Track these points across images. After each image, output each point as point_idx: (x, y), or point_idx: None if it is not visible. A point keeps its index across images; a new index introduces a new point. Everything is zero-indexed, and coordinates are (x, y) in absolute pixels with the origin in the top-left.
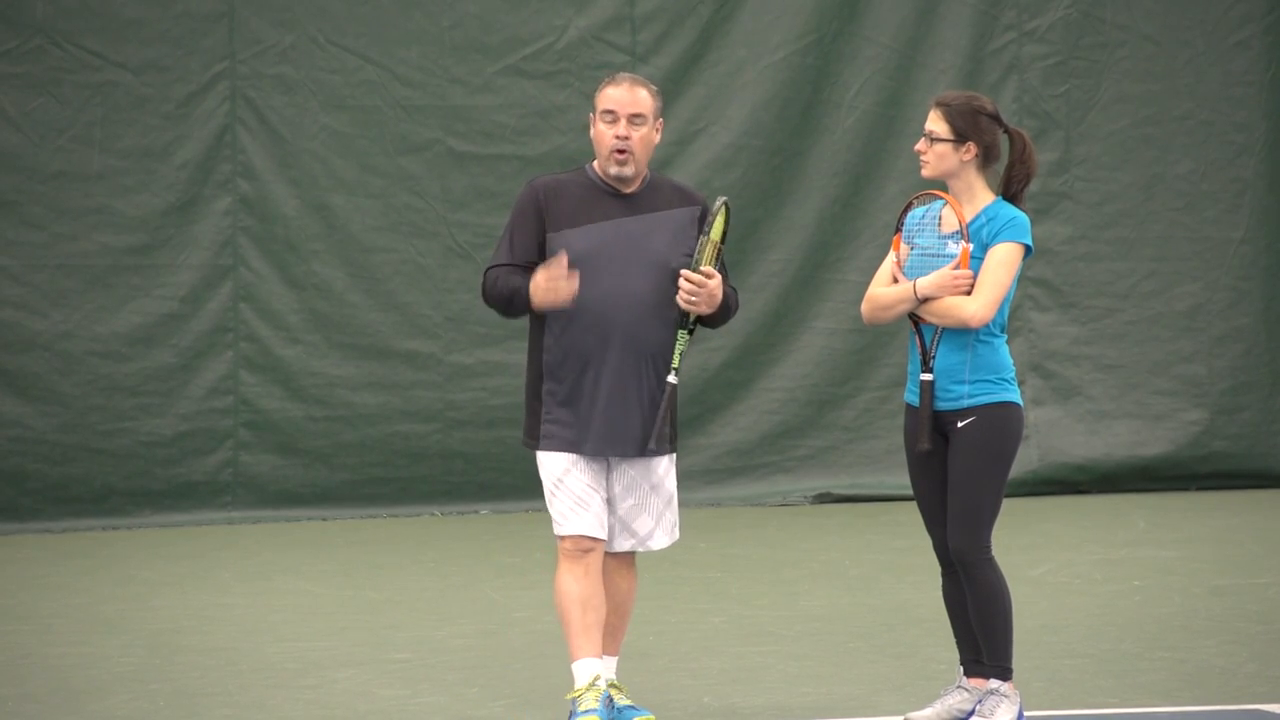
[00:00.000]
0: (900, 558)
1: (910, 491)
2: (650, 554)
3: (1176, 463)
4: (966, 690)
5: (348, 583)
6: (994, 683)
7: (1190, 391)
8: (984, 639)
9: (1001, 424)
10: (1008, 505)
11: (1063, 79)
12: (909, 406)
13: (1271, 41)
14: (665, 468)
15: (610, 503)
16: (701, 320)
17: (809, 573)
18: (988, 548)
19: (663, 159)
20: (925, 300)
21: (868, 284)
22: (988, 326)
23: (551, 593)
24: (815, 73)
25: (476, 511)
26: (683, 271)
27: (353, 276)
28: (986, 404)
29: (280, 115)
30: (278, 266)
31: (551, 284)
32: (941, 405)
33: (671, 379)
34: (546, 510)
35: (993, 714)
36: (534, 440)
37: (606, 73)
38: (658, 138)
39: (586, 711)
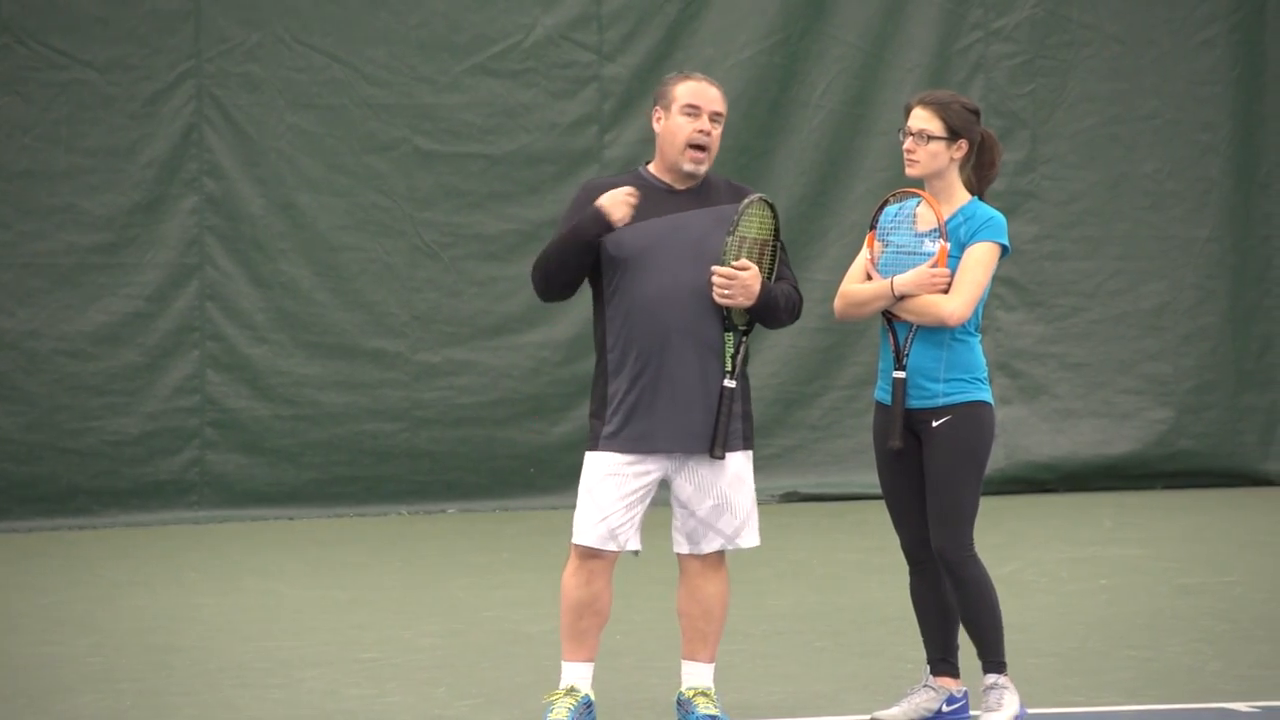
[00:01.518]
0: (868, 557)
1: (878, 490)
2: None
3: (1143, 461)
4: (933, 689)
5: (315, 582)
6: (991, 677)
7: (1156, 390)
8: (976, 636)
9: (977, 423)
10: None
11: (1029, 78)
12: (879, 404)
13: (1237, 40)
14: (741, 464)
15: (687, 509)
16: (756, 318)
17: (776, 572)
18: (971, 545)
19: (629, 157)
20: (902, 297)
21: (836, 283)
22: (963, 325)
23: (518, 591)
24: (782, 72)
25: (443, 510)
26: (713, 267)
27: (319, 275)
28: (961, 403)
29: (247, 114)
30: (244, 265)
31: (614, 199)
32: (914, 403)
33: (728, 382)
34: (514, 509)
35: (1000, 707)
36: (595, 442)
37: (574, 71)
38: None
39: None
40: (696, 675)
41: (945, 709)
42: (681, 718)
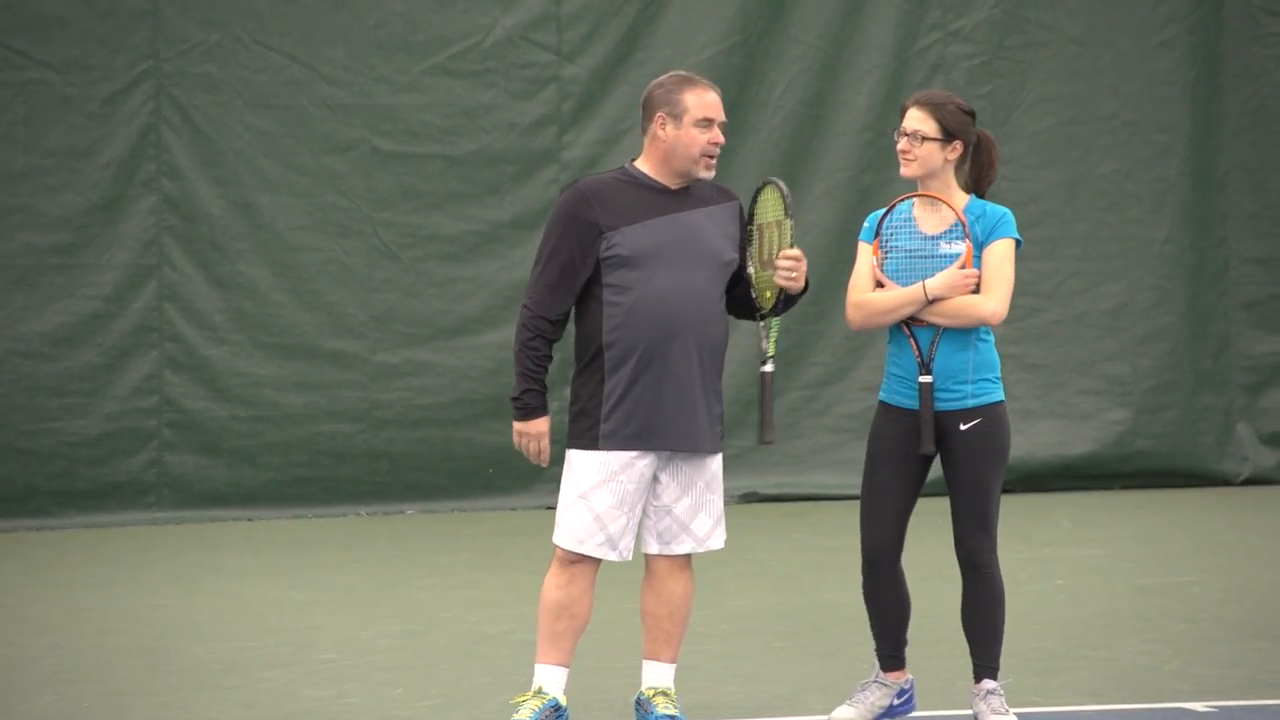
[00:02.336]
0: (826, 557)
1: (837, 491)
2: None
3: (1100, 462)
4: (885, 685)
5: (273, 583)
6: (990, 683)
7: (1114, 391)
8: (986, 639)
9: (1003, 423)
10: (929, 505)
11: (987, 79)
12: (891, 407)
13: (1195, 41)
14: (718, 465)
15: (664, 505)
16: (787, 305)
17: (735, 572)
18: (996, 547)
19: (590, 158)
20: (932, 301)
21: None
22: (985, 326)
23: (477, 592)
24: (741, 72)
25: (402, 511)
26: (782, 251)
27: (278, 276)
28: (989, 404)
29: (205, 114)
30: (202, 266)
31: (532, 451)
32: (942, 406)
33: (768, 367)
34: (472, 510)
35: (1006, 711)
36: (591, 441)
37: (533, 71)
38: None
39: None
40: (657, 675)
41: (895, 703)
42: (640, 718)
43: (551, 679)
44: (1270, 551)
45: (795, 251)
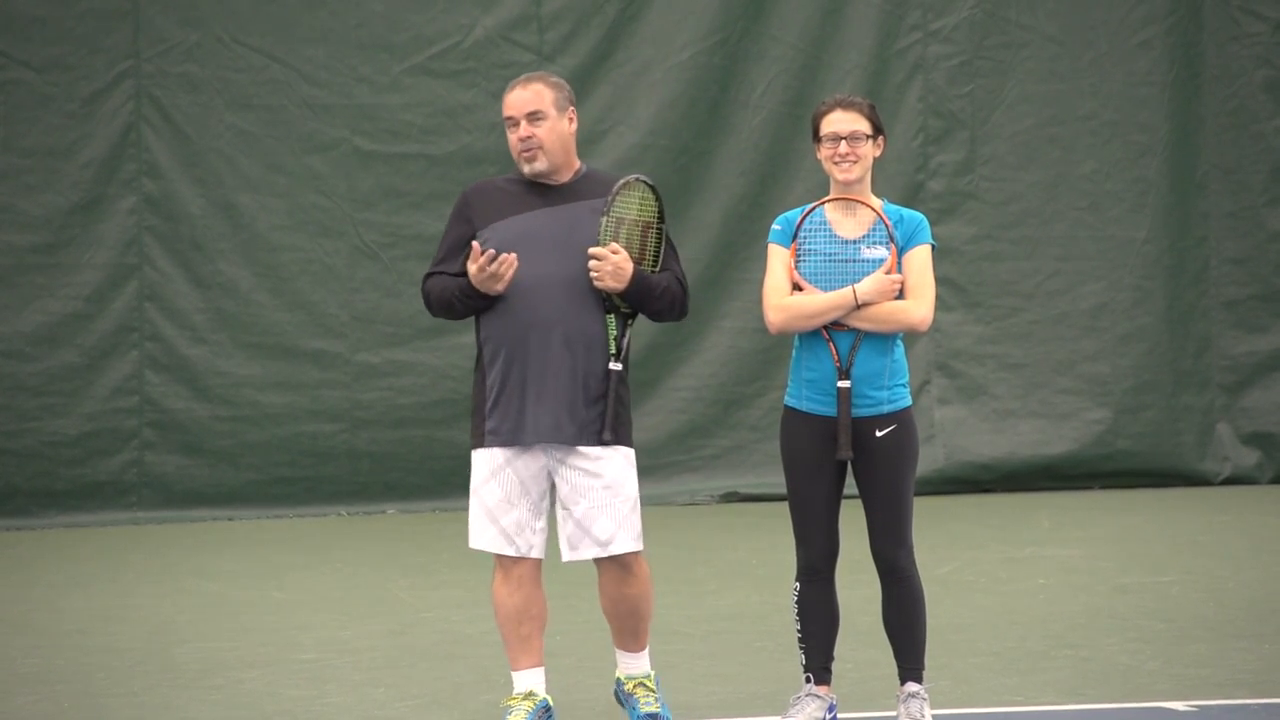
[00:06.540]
0: None
1: None
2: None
3: (1080, 461)
4: (819, 697)
5: (254, 583)
6: (914, 686)
7: (1094, 390)
8: (910, 643)
9: (914, 428)
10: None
11: (968, 79)
12: (801, 413)
13: (1174, 42)
14: (619, 466)
15: (566, 509)
16: (633, 306)
17: (716, 572)
18: (913, 550)
19: None
20: (861, 306)
21: None
22: (899, 332)
23: (458, 591)
24: (721, 72)
25: (383, 511)
26: (590, 250)
27: (259, 276)
28: (902, 409)
29: (185, 114)
30: (183, 266)
31: (483, 274)
32: (859, 412)
33: (614, 365)
34: (453, 509)
35: (924, 715)
36: (479, 439)
37: (513, 71)
38: (572, 126)
39: None
40: (629, 664)
41: (827, 717)
42: (624, 706)
43: (536, 681)
44: (1250, 551)
45: (596, 250)
